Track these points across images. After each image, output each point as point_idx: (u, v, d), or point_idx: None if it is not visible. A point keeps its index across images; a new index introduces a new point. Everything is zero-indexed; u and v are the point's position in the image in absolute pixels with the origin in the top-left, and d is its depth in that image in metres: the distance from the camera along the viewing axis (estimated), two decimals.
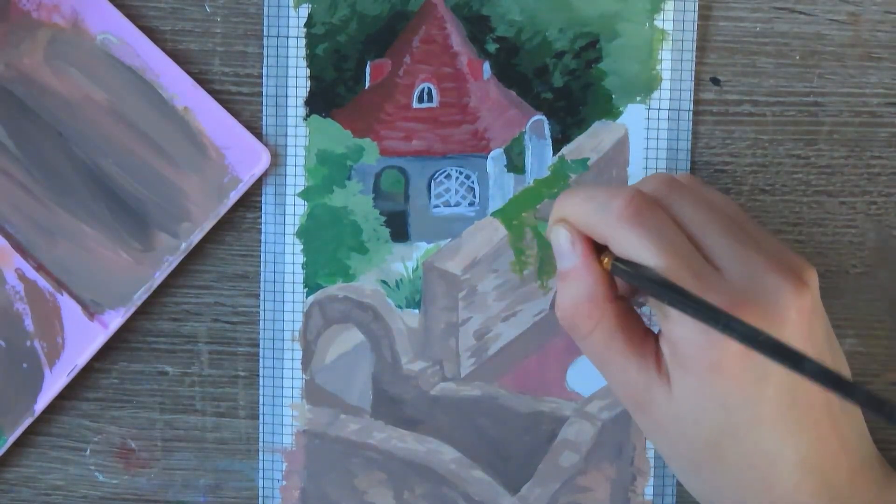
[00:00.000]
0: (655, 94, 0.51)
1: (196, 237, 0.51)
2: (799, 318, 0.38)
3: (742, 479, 0.40)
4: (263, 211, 0.52)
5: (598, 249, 0.42)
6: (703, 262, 0.39)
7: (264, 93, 0.52)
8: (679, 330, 0.39)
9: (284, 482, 0.53)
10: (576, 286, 0.41)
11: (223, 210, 0.51)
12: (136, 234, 0.51)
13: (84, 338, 0.51)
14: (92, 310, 0.52)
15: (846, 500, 0.40)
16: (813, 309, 0.39)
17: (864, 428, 0.42)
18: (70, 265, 0.52)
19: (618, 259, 0.41)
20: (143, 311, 0.52)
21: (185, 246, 0.51)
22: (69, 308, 0.51)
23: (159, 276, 0.51)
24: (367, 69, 0.52)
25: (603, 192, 0.41)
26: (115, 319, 0.52)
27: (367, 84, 0.52)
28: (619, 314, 0.41)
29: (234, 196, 0.51)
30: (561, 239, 0.42)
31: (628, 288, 0.44)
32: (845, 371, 0.42)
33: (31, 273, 0.51)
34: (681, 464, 0.42)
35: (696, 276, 0.38)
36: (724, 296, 0.38)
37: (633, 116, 0.51)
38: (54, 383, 0.52)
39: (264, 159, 0.51)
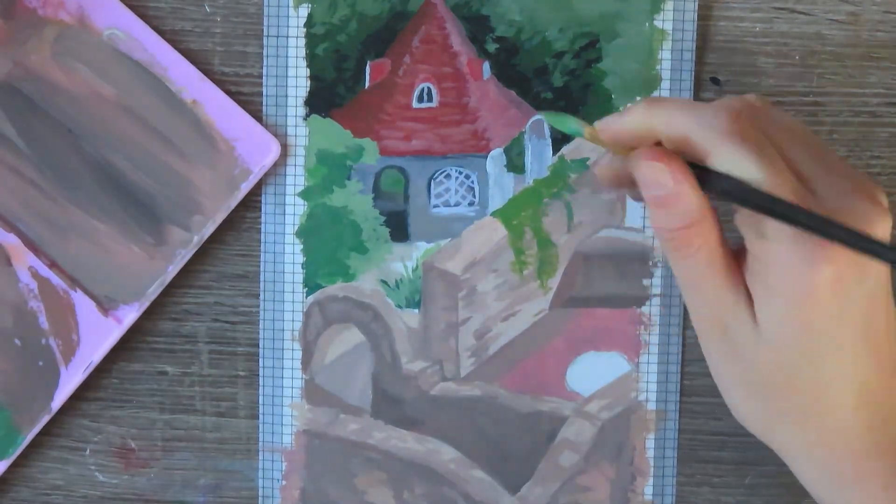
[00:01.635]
0: (655, 94, 0.51)
1: (208, 230, 0.51)
2: (885, 239, 0.39)
3: (808, 405, 0.41)
4: (263, 211, 0.52)
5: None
6: (799, 183, 0.39)
7: (264, 93, 0.52)
8: (775, 253, 0.39)
9: (284, 482, 0.53)
10: (680, 210, 0.40)
11: (234, 202, 0.51)
12: (147, 228, 0.51)
13: (99, 334, 0.52)
14: (106, 305, 0.52)
15: (892, 429, 0.41)
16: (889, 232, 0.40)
17: None
18: (83, 261, 0.52)
19: (717, 175, 0.40)
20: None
21: (198, 239, 0.51)
22: (83, 304, 0.51)
23: (172, 270, 0.52)
24: (367, 69, 0.52)
25: (700, 106, 0.40)
26: (130, 315, 0.52)
27: (367, 84, 0.52)
28: (721, 235, 0.41)
29: (244, 188, 0.51)
30: (656, 171, 0.40)
31: None
32: None
33: (45, 270, 0.51)
34: (747, 390, 0.42)
35: (795, 194, 0.38)
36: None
37: None
38: (70, 380, 0.52)
39: (274, 150, 0.51)
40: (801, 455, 0.42)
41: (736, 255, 0.41)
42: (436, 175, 0.52)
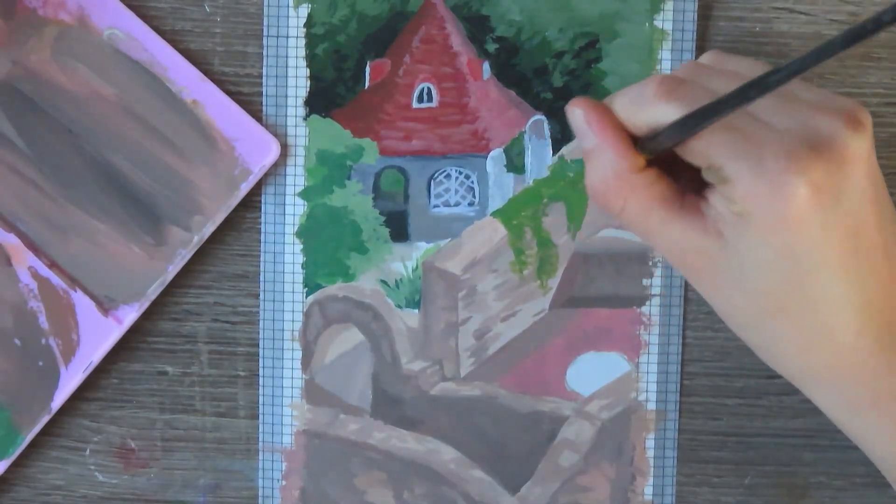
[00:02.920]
0: None
1: (208, 230, 0.51)
2: (859, 156, 0.38)
3: (805, 328, 0.40)
4: (263, 211, 0.52)
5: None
6: (751, 119, 0.39)
7: (264, 93, 0.52)
8: (742, 186, 0.38)
9: (284, 482, 0.53)
10: (600, 163, 0.41)
11: (235, 202, 0.51)
12: (148, 228, 0.51)
13: (99, 334, 0.52)
14: (106, 305, 0.52)
15: (889, 351, 0.40)
16: (871, 150, 0.39)
17: None
18: (83, 261, 0.52)
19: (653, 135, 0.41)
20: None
21: (198, 239, 0.51)
22: (83, 304, 0.51)
23: (172, 270, 0.52)
24: (367, 69, 0.52)
25: (632, 86, 0.41)
26: (130, 315, 0.52)
27: (367, 84, 0.52)
28: (649, 183, 0.41)
29: (244, 188, 0.51)
30: (577, 117, 0.42)
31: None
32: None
33: (45, 270, 0.51)
34: (742, 319, 0.41)
35: (743, 131, 0.38)
36: (779, 145, 0.37)
37: None
38: (70, 380, 0.52)
39: (274, 150, 0.51)
40: (812, 381, 0.42)
41: (696, 196, 0.41)
42: (436, 175, 0.52)
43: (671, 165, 0.42)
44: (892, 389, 0.40)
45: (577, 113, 0.42)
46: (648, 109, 0.40)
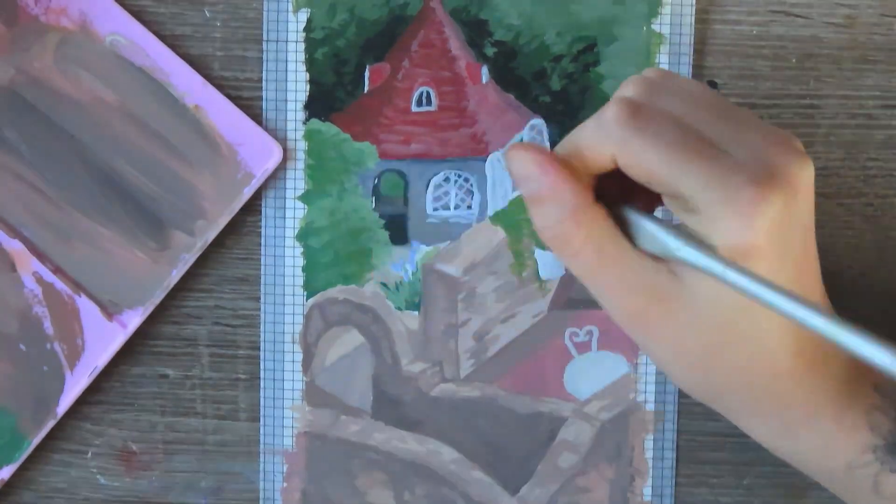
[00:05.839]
0: None
1: (211, 234, 0.51)
2: (808, 186, 0.39)
3: (750, 357, 0.40)
4: (263, 214, 0.52)
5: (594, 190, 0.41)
6: (713, 147, 0.38)
7: (264, 97, 0.52)
8: (712, 216, 0.38)
9: (285, 484, 0.53)
10: (552, 203, 0.40)
11: (237, 206, 0.51)
12: (151, 233, 0.52)
13: (103, 338, 0.52)
14: (110, 310, 0.52)
15: (833, 367, 0.41)
16: (813, 181, 0.40)
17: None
18: (87, 267, 0.52)
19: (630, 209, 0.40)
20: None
21: (201, 244, 0.52)
22: (88, 309, 0.52)
23: (176, 275, 0.52)
24: (367, 73, 0.52)
25: (591, 118, 0.40)
26: (134, 319, 0.52)
27: (367, 88, 0.52)
28: (601, 217, 0.40)
29: (247, 192, 0.51)
30: (519, 163, 0.40)
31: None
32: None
33: (49, 276, 0.51)
34: (690, 360, 0.41)
35: (712, 161, 0.38)
36: (747, 175, 0.37)
37: None
38: (76, 385, 0.52)
39: (276, 154, 0.51)
40: (750, 412, 0.42)
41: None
42: (435, 178, 0.52)
43: (614, 197, 0.41)
44: (822, 406, 0.41)
45: (522, 157, 0.40)
46: (613, 140, 0.39)
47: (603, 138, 0.39)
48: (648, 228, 0.40)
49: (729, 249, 0.38)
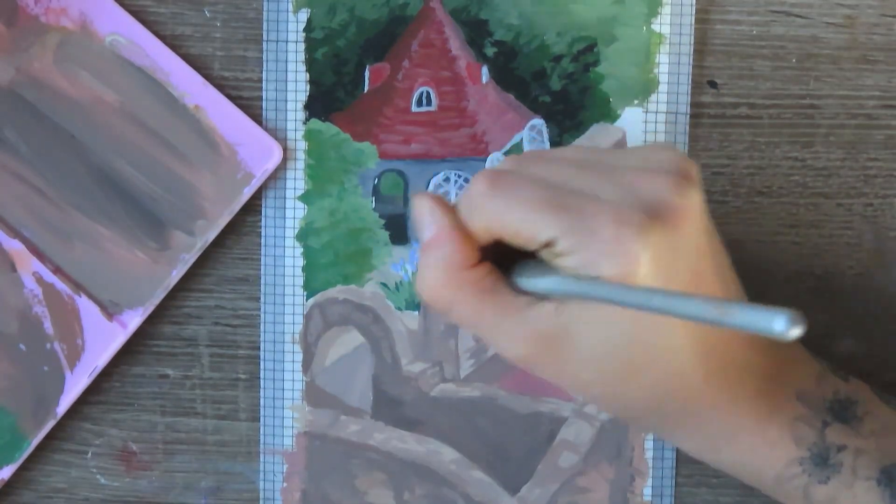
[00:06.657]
0: (653, 98, 0.52)
1: (211, 234, 0.52)
2: (691, 213, 0.38)
3: (659, 382, 0.40)
4: (263, 214, 0.52)
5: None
6: (579, 196, 0.39)
7: (264, 97, 0.52)
8: (578, 258, 0.38)
9: (285, 484, 0.53)
10: (433, 258, 0.40)
11: (237, 206, 0.51)
12: (151, 233, 0.52)
13: (103, 338, 0.52)
14: (110, 310, 0.52)
15: (732, 378, 0.41)
16: (701, 203, 0.39)
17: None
18: (87, 267, 0.52)
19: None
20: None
21: (201, 244, 0.52)
22: (88, 309, 0.52)
23: (176, 275, 0.52)
24: (367, 73, 0.52)
25: (461, 196, 0.41)
26: (134, 319, 0.52)
27: (367, 88, 0.52)
28: (480, 277, 0.40)
29: (247, 192, 0.51)
30: (420, 209, 0.41)
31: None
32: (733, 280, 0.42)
33: (49, 276, 0.51)
34: (596, 390, 0.41)
35: (571, 209, 0.38)
36: (609, 215, 0.38)
37: (631, 119, 0.52)
38: (76, 385, 0.52)
39: (276, 154, 0.51)
40: (672, 427, 0.42)
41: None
42: (435, 178, 0.52)
43: (503, 256, 0.41)
44: (741, 422, 0.41)
45: (423, 203, 0.41)
46: (480, 209, 0.40)
47: (472, 211, 0.40)
48: (533, 273, 0.40)
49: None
